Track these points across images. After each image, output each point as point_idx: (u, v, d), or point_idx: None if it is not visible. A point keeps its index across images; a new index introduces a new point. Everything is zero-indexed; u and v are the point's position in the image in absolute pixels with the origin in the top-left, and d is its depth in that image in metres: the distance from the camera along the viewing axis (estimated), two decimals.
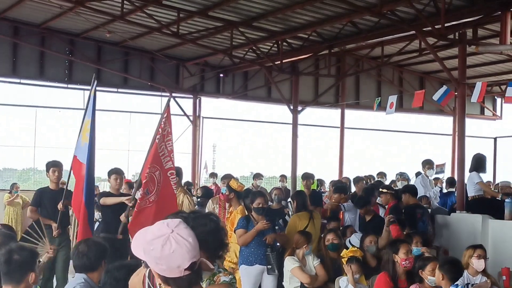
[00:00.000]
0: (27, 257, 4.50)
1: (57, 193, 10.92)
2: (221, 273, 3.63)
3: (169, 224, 3.39)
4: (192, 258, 3.32)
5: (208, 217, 3.88)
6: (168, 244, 3.31)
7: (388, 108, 15.81)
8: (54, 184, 11.19)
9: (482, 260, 8.80)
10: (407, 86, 25.57)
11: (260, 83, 24.92)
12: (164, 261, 3.32)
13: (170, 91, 24.39)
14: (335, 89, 25.43)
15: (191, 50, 22.89)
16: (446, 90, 15.10)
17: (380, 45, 21.05)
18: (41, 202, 11.11)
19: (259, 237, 9.88)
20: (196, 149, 25.30)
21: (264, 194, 10.71)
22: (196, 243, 3.38)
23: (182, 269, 3.31)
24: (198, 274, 3.40)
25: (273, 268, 9.86)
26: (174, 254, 3.30)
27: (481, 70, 24.01)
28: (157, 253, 3.32)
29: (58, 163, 11.26)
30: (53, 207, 10.86)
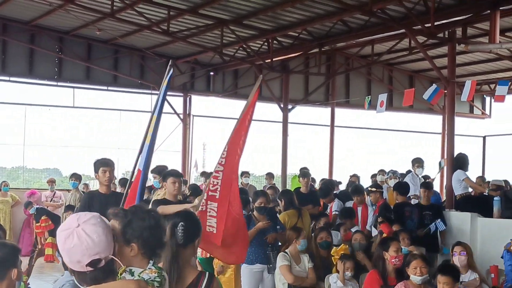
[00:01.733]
0: (8, 254, 4.50)
1: (110, 198, 9.11)
2: (148, 270, 3.60)
3: (79, 218, 3.44)
4: (93, 256, 3.34)
5: (148, 212, 3.83)
6: (71, 238, 3.36)
7: (378, 106, 15.86)
8: (105, 187, 9.26)
9: (461, 256, 8.87)
10: (397, 85, 25.62)
11: (251, 81, 24.89)
12: (66, 253, 3.38)
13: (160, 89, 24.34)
14: (325, 87, 25.46)
15: (182, 48, 22.87)
16: (436, 88, 15.16)
17: (370, 43, 21.08)
18: (90, 210, 9.30)
19: (260, 236, 9.96)
20: (186, 147, 25.29)
21: (266, 194, 10.73)
22: (103, 241, 3.39)
23: (83, 265, 3.34)
24: (105, 271, 3.40)
25: (274, 267, 9.91)
26: (74, 248, 3.34)
27: (471, 69, 24.08)
28: (60, 245, 3.40)
29: (109, 161, 9.37)
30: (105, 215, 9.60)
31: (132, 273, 3.53)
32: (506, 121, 27.40)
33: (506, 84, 14.93)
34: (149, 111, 24.07)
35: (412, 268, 7.95)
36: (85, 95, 24.54)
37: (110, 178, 9.26)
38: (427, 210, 12.85)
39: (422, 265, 7.91)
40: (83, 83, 23.90)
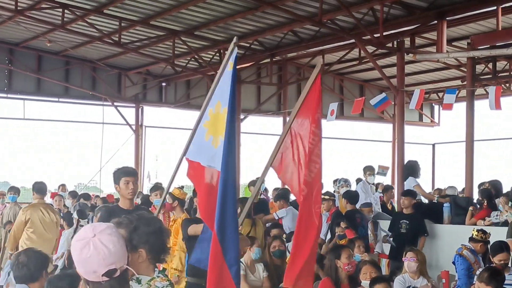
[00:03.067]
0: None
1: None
2: (158, 278, 3.67)
3: (94, 228, 3.45)
4: (110, 265, 3.37)
5: (152, 218, 3.96)
6: (87, 248, 3.36)
7: (329, 115, 16.03)
8: (128, 201, 7.72)
9: (411, 262, 9.03)
10: (348, 94, 25.90)
11: (203, 92, 24.89)
12: (81, 264, 3.39)
13: (112, 100, 24.31)
14: (277, 97, 25.60)
15: (133, 59, 22.85)
16: (384, 97, 15.37)
17: (321, 53, 21.29)
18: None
19: None
20: (138, 158, 25.21)
21: None
22: (119, 251, 3.42)
23: (99, 275, 3.36)
24: (120, 281, 3.44)
25: None
26: (90, 259, 3.35)
27: (419, 78, 24.45)
28: (76, 255, 3.40)
29: (132, 171, 7.98)
30: None
31: (139, 281, 3.58)
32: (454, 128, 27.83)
33: (454, 92, 15.21)
34: (101, 123, 24.01)
35: (362, 274, 8.13)
36: (36, 107, 24.36)
37: (134, 191, 7.73)
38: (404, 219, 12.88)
39: (372, 270, 8.08)
40: (33, 95, 23.71)
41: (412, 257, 9.09)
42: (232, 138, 5.95)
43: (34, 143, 25.96)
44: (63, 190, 18.77)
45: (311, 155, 6.40)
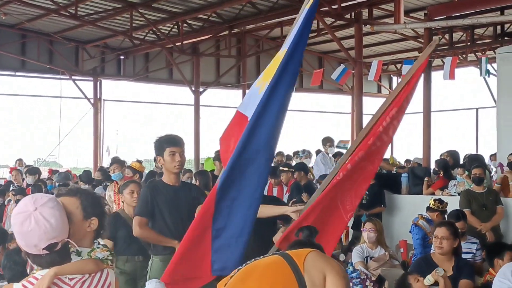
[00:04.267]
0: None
1: (181, 191, 6.58)
2: (98, 249, 3.66)
3: (36, 201, 3.37)
4: (51, 239, 3.32)
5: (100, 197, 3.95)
6: (28, 222, 3.31)
7: None
8: (174, 175, 6.55)
9: (371, 233, 9.14)
10: (307, 66, 25.91)
11: (161, 65, 24.83)
12: (22, 237, 3.34)
13: (70, 73, 24.08)
14: (236, 69, 25.59)
15: (90, 32, 22.60)
16: (344, 69, 15.45)
17: (279, 25, 21.29)
18: (153, 207, 6.46)
19: None
20: (97, 132, 25.04)
21: None
22: (60, 225, 3.37)
23: (39, 248, 3.32)
24: (61, 254, 3.41)
25: None
26: (31, 232, 3.30)
27: (377, 50, 24.58)
28: (16, 228, 3.35)
29: (179, 140, 6.61)
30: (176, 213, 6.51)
31: (79, 253, 3.55)
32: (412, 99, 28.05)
33: (411, 63, 15.14)
34: (59, 96, 23.79)
35: None
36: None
37: (181, 163, 6.51)
38: None
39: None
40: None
41: (371, 228, 9.19)
42: (284, 85, 5.00)
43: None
44: (20, 165, 18.60)
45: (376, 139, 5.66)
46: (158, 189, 6.50)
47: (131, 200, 7.61)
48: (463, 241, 8.32)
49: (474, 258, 8.47)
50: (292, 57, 5.09)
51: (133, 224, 6.44)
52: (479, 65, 15.85)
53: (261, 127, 5.00)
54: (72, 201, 3.62)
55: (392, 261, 9.46)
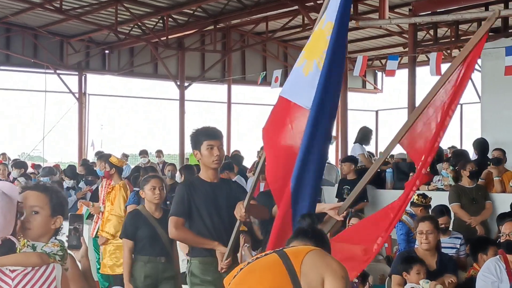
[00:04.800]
0: None
1: (219, 188, 6.06)
2: (50, 244, 3.66)
3: None
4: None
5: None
6: None
7: (273, 82, 16.08)
8: (212, 171, 6.04)
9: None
10: (292, 61, 25.91)
11: (146, 59, 24.78)
12: None
13: (54, 68, 23.99)
14: (221, 64, 25.58)
15: (75, 26, 22.50)
16: None
17: (265, 20, 21.29)
18: (191, 207, 5.91)
19: None
20: (82, 127, 24.95)
21: (155, 169, 10.79)
22: (3, 222, 3.34)
23: None
24: (4, 250, 3.39)
25: None
26: None
27: (362, 45, 24.63)
28: None
29: (217, 132, 6.16)
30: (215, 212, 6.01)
31: (34, 247, 3.55)
32: (397, 95, 28.20)
33: (396, 58, 15.34)
34: (43, 91, 23.68)
35: None
36: None
37: (220, 158, 5.99)
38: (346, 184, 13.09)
39: None
40: None
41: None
42: (337, 66, 4.47)
43: None
44: (4, 159, 18.54)
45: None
46: (195, 187, 5.97)
47: (152, 197, 7.31)
48: (447, 236, 8.37)
49: (458, 253, 8.50)
50: (339, 31, 4.57)
51: (169, 225, 5.90)
52: None
53: (322, 117, 4.57)
54: (41, 197, 3.64)
55: (377, 256, 9.50)
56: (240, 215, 5.47)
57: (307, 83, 4.56)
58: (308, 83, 4.54)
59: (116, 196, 10.32)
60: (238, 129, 26.31)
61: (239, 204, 5.50)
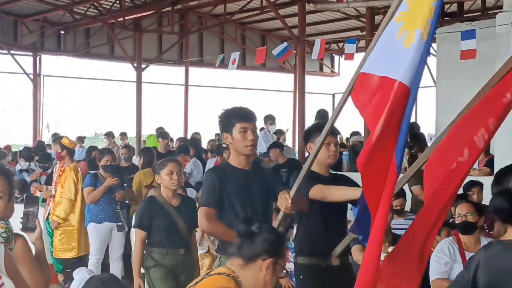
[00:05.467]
0: None
1: (252, 175, 5.47)
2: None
3: None
4: None
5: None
6: None
7: (230, 64, 16.09)
8: (243, 158, 5.44)
9: None
10: (250, 44, 25.93)
11: (103, 41, 24.54)
12: None
13: (8, 48, 23.63)
14: (178, 46, 25.44)
15: (30, 5, 22.15)
16: (286, 46, 15.52)
17: (223, 2, 21.20)
18: (222, 196, 5.33)
19: (108, 194, 9.91)
20: (37, 109, 24.65)
21: (112, 152, 10.72)
22: None
23: None
24: None
25: (123, 226, 9.93)
26: None
27: (320, 28, 24.68)
28: None
29: (250, 114, 5.50)
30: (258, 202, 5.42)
31: None
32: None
33: (354, 42, 15.48)
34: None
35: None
36: None
37: (255, 142, 5.36)
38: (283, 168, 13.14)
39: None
40: None
41: None
42: (431, 37, 3.96)
43: None
44: None
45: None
46: (226, 174, 5.34)
47: (170, 183, 6.77)
48: (402, 217, 8.45)
49: None
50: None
51: (200, 217, 5.29)
52: None
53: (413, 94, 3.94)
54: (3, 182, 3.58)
55: None
56: (285, 207, 4.88)
57: (409, 57, 3.86)
58: (411, 57, 3.85)
59: (66, 179, 10.26)
60: (195, 111, 26.25)
61: (283, 194, 4.95)
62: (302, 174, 4.86)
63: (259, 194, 5.34)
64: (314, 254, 5.58)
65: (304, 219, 5.72)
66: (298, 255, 5.71)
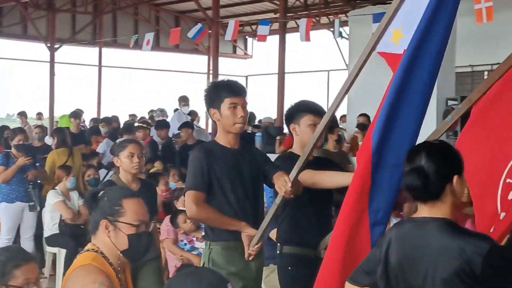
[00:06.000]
0: None
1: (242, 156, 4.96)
2: None
3: None
4: None
5: None
6: None
7: (145, 45, 16.13)
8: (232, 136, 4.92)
9: None
10: (164, 25, 25.91)
11: (15, 20, 24.10)
12: None
13: None
14: (92, 26, 25.22)
15: None
16: (200, 28, 15.65)
17: None
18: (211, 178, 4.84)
19: (20, 174, 9.87)
20: None
21: (24, 131, 10.67)
22: None
23: None
24: None
25: (35, 205, 9.90)
26: None
27: (234, 10, 24.83)
28: None
29: (240, 87, 4.99)
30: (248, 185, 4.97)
31: None
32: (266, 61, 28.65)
33: (267, 24, 15.70)
34: None
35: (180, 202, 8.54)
36: None
37: (245, 119, 4.89)
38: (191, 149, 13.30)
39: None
40: None
41: None
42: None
43: None
44: None
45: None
46: (214, 154, 4.82)
47: (130, 166, 6.15)
48: None
49: None
50: None
51: (187, 202, 4.77)
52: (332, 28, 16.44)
53: (422, 58, 3.61)
54: None
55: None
56: (285, 191, 4.46)
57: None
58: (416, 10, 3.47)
59: None
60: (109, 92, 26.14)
61: (282, 176, 4.53)
62: (303, 158, 4.42)
63: (249, 175, 4.88)
64: (303, 244, 5.14)
65: (291, 207, 5.14)
66: (284, 244, 5.23)
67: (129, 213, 3.60)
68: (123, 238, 3.60)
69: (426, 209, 3.25)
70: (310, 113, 5.19)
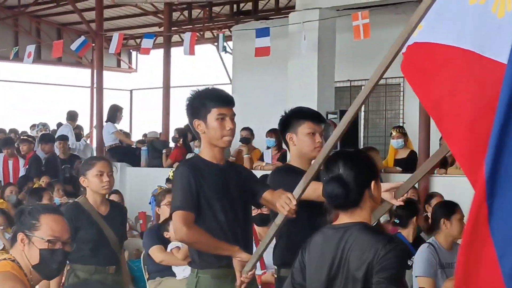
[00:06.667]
0: None
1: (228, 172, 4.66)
2: None
3: None
4: None
5: None
6: None
7: (26, 58, 15.79)
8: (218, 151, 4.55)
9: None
10: (45, 37, 25.33)
11: None
12: None
13: None
14: None
15: None
16: (84, 40, 15.46)
17: None
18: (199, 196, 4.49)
19: None
20: None
21: None
22: None
23: None
24: None
25: None
26: None
27: (118, 23, 24.53)
28: None
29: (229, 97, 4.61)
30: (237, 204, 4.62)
31: None
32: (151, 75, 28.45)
33: (152, 37, 15.67)
34: None
35: None
36: None
37: (233, 132, 4.48)
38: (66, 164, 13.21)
39: None
40: None
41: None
42: None
43: None
44: None
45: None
46: (201, 171, 4.40)
47: (100, 186, 5.54)
48: None
49: None
50: None
51: (176, 223, 4.33)
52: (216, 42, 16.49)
53: None
54: None
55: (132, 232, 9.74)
56: (289, 210, 4.00)
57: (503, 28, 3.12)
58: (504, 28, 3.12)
59: None
60: None
61: (284, 194, 4.07)
62: (311, 172, 3.90)
63: (238, 194, 4.51)
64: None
65: (289, 226, 4.44)
66: (282, 267, 4.75)
67: (45, 228, 3.64)
68: (36, 252, 3.63)
69: (346, 217, 3.34)
70: (308, 120, 4.84)
